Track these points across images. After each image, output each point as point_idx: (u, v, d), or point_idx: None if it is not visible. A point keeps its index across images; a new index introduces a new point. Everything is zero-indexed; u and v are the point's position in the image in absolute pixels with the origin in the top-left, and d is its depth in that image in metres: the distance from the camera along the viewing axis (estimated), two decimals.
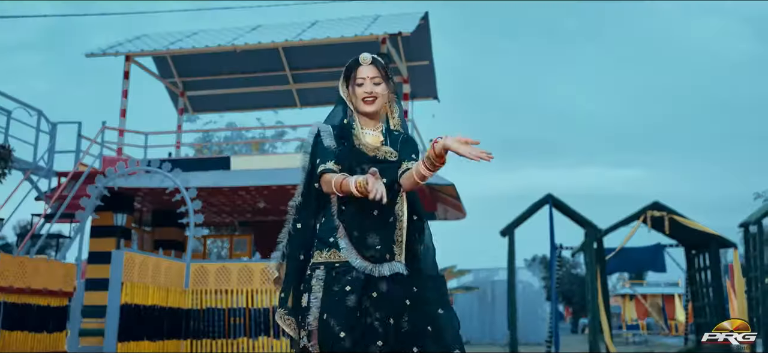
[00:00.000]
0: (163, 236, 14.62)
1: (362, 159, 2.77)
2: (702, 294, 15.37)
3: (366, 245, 2.71)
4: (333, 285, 2.67)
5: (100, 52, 13.54)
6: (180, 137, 15.65)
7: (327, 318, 2.62)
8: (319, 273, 2.70)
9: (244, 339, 9.12)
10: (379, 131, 2.89)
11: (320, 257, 2.74)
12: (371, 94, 2.81)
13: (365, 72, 2.83)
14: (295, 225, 2.91)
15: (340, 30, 13.12)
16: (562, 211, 13.43)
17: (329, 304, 2.64)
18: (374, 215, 2.73)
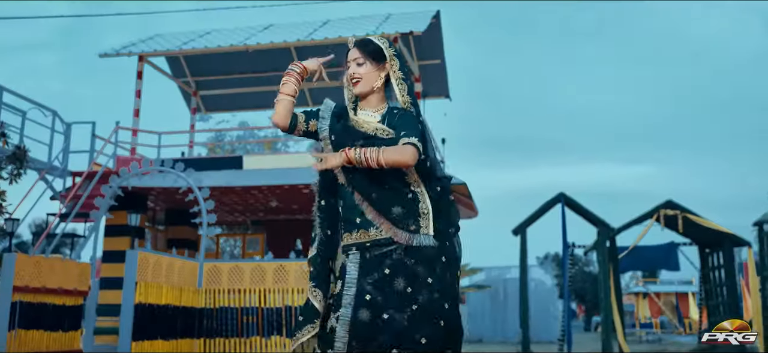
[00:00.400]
0: (176, 234, 14.70)
1: (355, 136, 2.81)
2: (716, 293, 15.30)
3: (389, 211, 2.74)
4: (374, 270, 2.71)
5: (114, 53, 13.64)
6: (193, 136, 15.73)
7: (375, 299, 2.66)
8: (353, 255, 2.75)
9: (256, 339, 9.15)
10: (380, 113, 2.92)
11: (350, 239, 2.79)
12: (353, 75, 2.88)
13: (350, 55, 2.92)
14: (319, 203, 2.98)
15: (352, 29, 13.14)
16: (575, 210, 13.40)
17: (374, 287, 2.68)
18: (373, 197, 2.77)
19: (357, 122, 2.87)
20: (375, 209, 2.75)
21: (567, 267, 13.78)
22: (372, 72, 2.89)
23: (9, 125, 10.99)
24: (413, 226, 2.74)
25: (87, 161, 13.17)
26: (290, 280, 9.20)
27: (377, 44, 2.93)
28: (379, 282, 2.69)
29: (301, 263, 9.33)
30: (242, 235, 16.68)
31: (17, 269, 8.18)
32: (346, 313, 2.67)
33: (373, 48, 2.91)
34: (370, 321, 2.64)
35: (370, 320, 2.64)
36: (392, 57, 2.94)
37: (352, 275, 2.72)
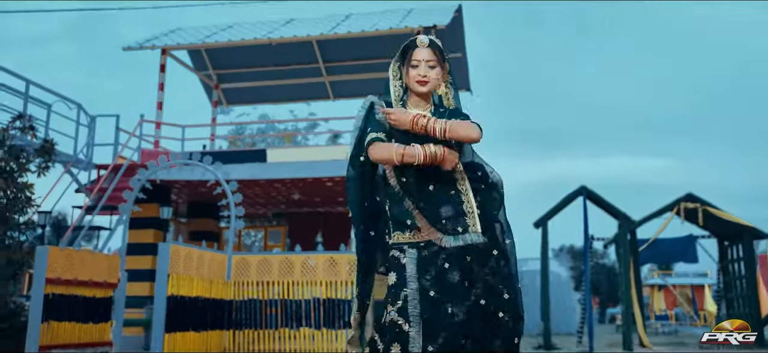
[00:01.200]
0: (198, 227, 14.82)
1: (404, 138, 2.84)
2: (735, 285, 15.32)
3: (439, 218, 2.78)
4: (430, 266, 2.75)
5: (137, 46, 13.73)
6: (214, 129, 15.83)
7: (433, 296, 2.71)
8: (410, 252, 2.78)
9: (285, 330, 9.26)
10: (428, 111, 2.95)
11: (402, 238, 2.83)
12: (425, 77, 2.89)
13: (421, 55, 2.91)
14: (363, 203, 2.97)
15: (375, 23, 13.18)
16: (596, 203, 13.43)
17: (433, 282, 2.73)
18: (431, 190, 2.81)
19: None
20: (424, 216, 2.80)
21: (588, 260, 13.82)
22: (439, 76, 2.94)
23: (36, 118, 11.11)
24: (461, 227, 2.79)
25: (111, 153, 13.25)
26: (318, 272, 9.29)
27: (442, 48, 2.97)
28: (438, 277, 2.74)
29: (328, 256, 9.43)
30: (264, 228, 16.80)
31: (49, 261, 8.28)
32: (415, 313, 2.71)
33: (442, 51, 2.96)
34: (438, 319, 2.69)
35: (439, 317, 2.69)
36: (446, 61, 3.00)
37: (411, 272, 2.76)
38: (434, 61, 2.91)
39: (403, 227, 2.83)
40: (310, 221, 15.55)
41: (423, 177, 2.80)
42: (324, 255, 9.42)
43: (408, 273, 2.75)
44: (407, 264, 2.77)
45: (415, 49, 2.93)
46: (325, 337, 9.18)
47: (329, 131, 21.61)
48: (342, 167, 12.44)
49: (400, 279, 2.75)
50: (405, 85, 3.00)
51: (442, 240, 2.76)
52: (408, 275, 2.75)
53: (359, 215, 2.97)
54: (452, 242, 2.76)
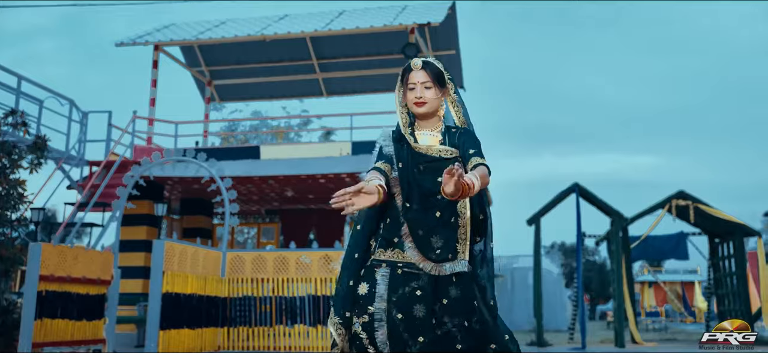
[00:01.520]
0: (191, 224, 14.79)
1: (418, 159, 2.86)
2: (725, 282, 15.42)
3: (430, 246, 2.78)
4: (400, 287, 2.75)
5: (130, 42, 13.66)
6: (207, 126, 15.79)
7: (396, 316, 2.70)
8: (383, 270, 2.78)
9: (280, 327, 9.25)
10: (438, 131, 2.96)
11: (383, 255, 2.82)
12: (421, 98, 2.89)
13: (416, 77, 2.91)
14: (356, 226, 3.00)
15: (369, 20, 13.18)
16: (588, 200, 13.48)
17: (398, 305, 2.72)
18: (437, 217, 2.81)
19: (419, 148, 2.90)
20: (416, 245, 2.79)
21: (581, 257, 13.87)
22: (436, 96, 2.93)
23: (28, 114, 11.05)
24: (450, 255, 2.79)
25: (104, 150, 13.20)
26: (314, 269, 9.28)
27: (439, 68, 2.96)
28: (405, 301, 2.73)
29: (323, 253, 9.42)
30: (257, 224, 16.77)
31: (43, 258, 8.24)
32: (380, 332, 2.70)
33: (438, 72, 2.95)
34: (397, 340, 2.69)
35: (398, 339, 2.69)
36: (448, 80, 2.99)
37: (382, 291, 2.75)
38: (430, 83, 2.90)
39: (388, 244, 2.83)
40: (303, 218, 15.55)
41: (430, 206, 2.80)
42: (319, 252, 9.41)
43: (378, 290, 2.74)
44: (379, 281, 2.76)
45: (411, 72, 2.94)
46: (319, 334, 9.17)
47: (322, 128, 21.60)
48: (336, 163, 12.53)
49: (370, 294, 2.75)
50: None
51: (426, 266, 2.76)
52: (377, 292, 2.74)
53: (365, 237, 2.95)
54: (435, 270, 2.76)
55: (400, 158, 2.88)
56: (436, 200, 2.80)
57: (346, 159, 12.30)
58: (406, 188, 2.84)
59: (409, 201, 2.83)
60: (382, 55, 14.71)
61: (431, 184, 2.83)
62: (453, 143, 2.92)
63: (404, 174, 2.86)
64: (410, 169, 2.84)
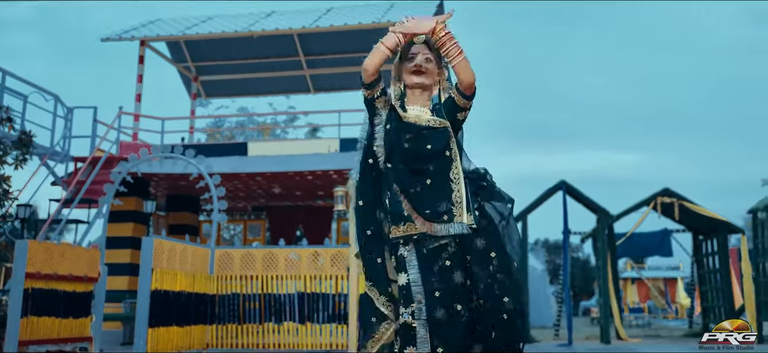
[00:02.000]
0: (177, 220, 14.69)
1: (407, 129, 2.90)
2: (709, 279, 15.59)
3: (424, 205, 2.82)
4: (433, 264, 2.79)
5: (116, 37, 13.54)
6: (193, 122, 15.71)
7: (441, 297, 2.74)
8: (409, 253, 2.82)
9: (269, 325, 9.22)
10: (427, 109, 3.00)
11: (398, 232, 2.86)
12: (420, 66, 2.96)
13: (417, 49, 3.00)
14: (358, 203, 3.04)
15: (357, 17, 13.16)
16: (575, 197, 13.56)
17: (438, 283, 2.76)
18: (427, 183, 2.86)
19: (408, 117, 2.94)
20: (412, 204, 2.84)
21: (568, 254, 13.96)
22: (435, 71, 3.00)
23: (12, 110, 10.93)
24: (446, 216, 2.82)
25: (88, 146, 13.08)
26: (303, 266, 9.26)
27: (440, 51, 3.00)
28: (442, 276, 2.77)
29: (312, 250, 9.40)
30: (244, 221, 16.70)
31: (29, 255, 8.16)
32: (422, 314, 2.74)
33: (439, 51, 3.00)
34: (446, 318, 2.72)
35: (446, 316, 2.72)
36: (445, 66, 3.06)
37: (416, 273, 2.79)
38: (431, 56, 2.99)
39: (398, 219, 2.86)
40: (290, 215, 15.51)
41: (417, 169, 2.85)
42: (308, 249, 9.38)
43: (411, 276, 2.78)
44: (410, 265, 2.80)
45: (413, 45, 3.00)
46: (308, 331, 9.15)
47: (308, 125, 21.56)
48: (324, 160, 12.50)
49: (409, 283, 2.79)
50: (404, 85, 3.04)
51: (433, 229, 2.80)
52: (412, 278, 2.78)
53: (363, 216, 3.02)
54: (442, 230, 2.79)
55: (389, 131, 2.93)
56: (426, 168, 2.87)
57: (335, 156, 12.29)
58: (388, 149, 2.92)
59: (390, 161, 2.90)
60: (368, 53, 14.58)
61: (421, 151, 2.88)
62: (440, 113, 2.97)
63: (388, 137, 2.92)
64: (396, 140, 2.89)
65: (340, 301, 9.02)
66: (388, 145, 2.92)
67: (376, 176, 3.01)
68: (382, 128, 2.96)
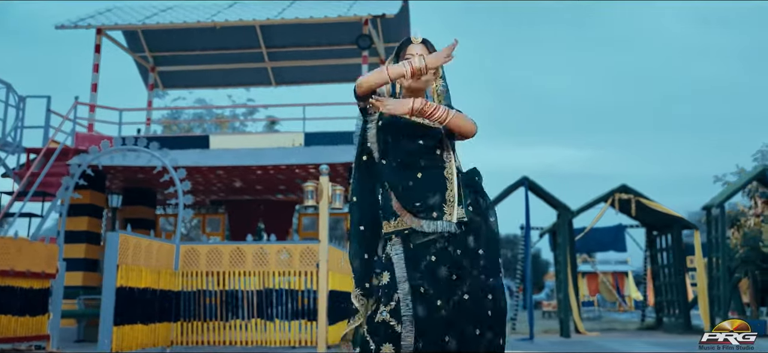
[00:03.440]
0: (133, 214, 14.30)
1: (401, 129, 2.87)
2: (663, 273, 15.98)
3: (411, 202, 2.79)
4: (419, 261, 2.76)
5: (71, 25, 13.08)
6: (150, 113, 15.31)
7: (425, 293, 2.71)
8: (396, 248, 2.80)
9: (236, 321, 9.05)
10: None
11: (388, 227, 2.83)
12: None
13: (415, 50, 2.93)
14: (352, 199, 3.01)
15: (323, 10, 13.00)
16: (536, 193, 13.71)
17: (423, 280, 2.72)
18: (418, 177, 2.82)
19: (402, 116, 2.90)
20: (401, 200, 2.81)
21: (530, 249, 14.12)
22: (431, 74, 2.93)
23: None
24: (436, 212, 2.79)
25: (41, 137, 12.61)
26: (271, 262, 9.12)
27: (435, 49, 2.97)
28: (427, 272, 2.74)
29: (281, 246, 9.27)
30: (202, 215, 16.35)
31: None
32: (407, 311, 2.72)
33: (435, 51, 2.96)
34: (429, 315, 2.70)
35: (429, 314, 2.70)
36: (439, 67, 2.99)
37: (401, 269, 2.77)
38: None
39: (388, 214, 2.83)
40: (250, 210, 15.26)
41: (409, 163, 2.82)
42: (277, 245, 9.24)
43: (398, 274, 2.76)
44: (396, 264, 2.78)
45: (409, 45, 2.96)
46: (277, 327, 9.02)
47: (267, 118, 21.22)
48: (288, 154, 12.34)
49: (392, 280, 2.77)
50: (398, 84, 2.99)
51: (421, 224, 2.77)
52: (398, 276, 2.76)
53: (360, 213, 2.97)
54: (430, 227, 2.77)
55: (382, 118, 2.90)
56: (417, 162, 2.84)
57: (299, 150, 12.13)
58: (383, 145, 2.89)
59: (385, 158, 2.88)
60: (333, 46, 14.55)
61: (412, 146, 2.85)
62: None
63: (380, 134, 2.89)
64: (389, 140, 2.87)
65: (308, 297, 8.91)
66: (381, 141, 2.90)
67: (371, 172, 2.98)
68: (374, 125, 2.93)
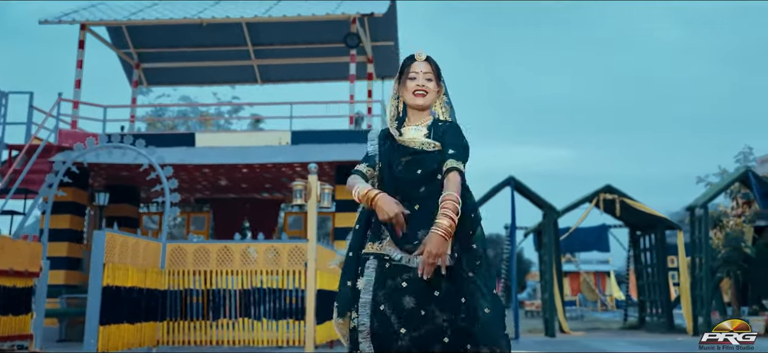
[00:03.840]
0: (115, 212, 14.14)
1: (402, 152, 2.87)
2: (646, 273, 16.10)
3: (405, 237, 2.76)
4: (388, 279, 2.74)
5: (55, 20, 12.91)
6: (134, 110, 15.14)
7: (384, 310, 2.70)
8: (371, 262, 2.79)
9: (223, 321, 8.98)
10: (425, 126, 2.95)
11: (371, 248, 2.83)
12: (422, 87, 2.90)
13: (419, 68, 2.92)
14: (354, 227, 3.00)
15: (311, 8, 12.94)
16: (522, 193, 13.75)
17: (386, 297, 2.72)
18: (415, 209, 2.79)
19: (403, 141, 2.90)
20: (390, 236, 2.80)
21: (515, 249, 14.16)
22: (435, 89, 2.95)
23: None
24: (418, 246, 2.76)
25: (24, 133, 12.43)
26: (259, 262, 9.06)
27: (438, 65, 2.99)
28: (392, 294, 2.72)
29: (269, 245, 9.21)
30: (187, 214, 16.19)
31: None
32: (365, 322, 2.72)
33: (438, 68, 2.98)
34: (383, 335, 2.69)
35: (383, 333, 2.69)
36: (442, 81, 3.01)
37: (368, 283, 2.77)
38: (431, 75, 2.93)
39: (376, 238, 2.83)
40: (235, 208, 15.15)
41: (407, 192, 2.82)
42: (265, 244, 9.18)
43: (364, 283, 2.77)
44: (366, 275, 2.78)
45: (413, 63, 2.95)
46: (265, 327, 8.95)
47: (252, 116, 21.06)
48: (275, 153, 12.25)
49: (365, 287, 2.78)
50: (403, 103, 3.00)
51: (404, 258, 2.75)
52: (364, 285, 2.77)
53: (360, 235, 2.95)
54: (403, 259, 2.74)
55: (383, 155, 2.92)
56: (415, 193, 2.81)
57: (286, 149, 12.05)
58: (381, 184, 2.90)
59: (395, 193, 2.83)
60: (320, 44, 14.48)
61: (411, 176, 2.83)
62: (437, 136, 2.91)
63: (383, 172, 2.91)
64: (390, 164, 2.87)
65: (296, 297, 8.85)
66: (381, 178, 2.93)
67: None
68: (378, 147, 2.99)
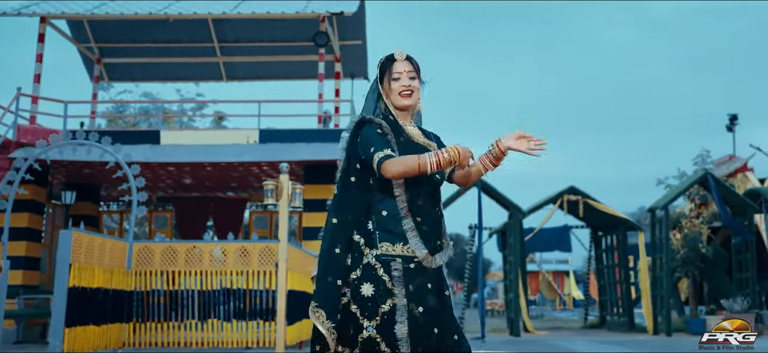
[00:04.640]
0: (76, 211, 13.80)
1: (415, 150, 2.78)
2: (607, 273, 16.37)
3: (432, 240, 2.75)
4: (412, 281, 2.68)
5: (14, 13, 12.52)
6: (94, 106, 14.78)
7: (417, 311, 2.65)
8: (396, 264, 2.68)
9: (192, 321, 8.81)
10: (413, 125, 2.92)
11: (392, 250, 2.70)
12: (408, 87, 2.84)
13: (401, 67, 2.85)
14: (330, 220, 2.82)
15: (280, 6, 12.81)
16: (489, 193, 13.83)
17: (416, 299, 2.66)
18: (437, 211, 2.80)
19: (411, 135, 2.85)
20: (422, 237, 2.73)
21: (482, 249, 14.24)
22: (418, 88, 2.89)
23: None
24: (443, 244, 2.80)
25: None
26: (228, 262, 8.92)
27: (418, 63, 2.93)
28: (422, 295, 2.70)
29: (239, 245, 9.08)
30: (149, 212, 15.86)
31: None
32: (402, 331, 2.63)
33: (418, 65, 2.91)
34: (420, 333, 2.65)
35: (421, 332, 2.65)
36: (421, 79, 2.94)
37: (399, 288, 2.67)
38: (414, 73, 2.86)
39: (395, 239, 2.72)
40: (199, 207, 14.91)
41: (430, 200, 2.79)
42: (235, 244, 9.04)
43: (396, 288, 2.66)
44: (394, 278, 2.68)
45: (395, 62, 2.87)
46: (234, 328, 8.82)
47: (215, 114, 20.76)
48: (243, 151, 12.09)
49: (378, 293, 2.66)
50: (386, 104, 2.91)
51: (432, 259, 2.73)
52: (396, 291, 2.66)
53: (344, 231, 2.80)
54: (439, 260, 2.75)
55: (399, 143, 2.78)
56: (439, 193, 2.83)
57: (254, 147, 11.89)
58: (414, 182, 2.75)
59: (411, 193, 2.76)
60: (289, 42, 14.33)
61: (440, 177, 2.82)
62: (428, 137, 2.91)
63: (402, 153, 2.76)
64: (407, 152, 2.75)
65: (267, 297, 8.75)
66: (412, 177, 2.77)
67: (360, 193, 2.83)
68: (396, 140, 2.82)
